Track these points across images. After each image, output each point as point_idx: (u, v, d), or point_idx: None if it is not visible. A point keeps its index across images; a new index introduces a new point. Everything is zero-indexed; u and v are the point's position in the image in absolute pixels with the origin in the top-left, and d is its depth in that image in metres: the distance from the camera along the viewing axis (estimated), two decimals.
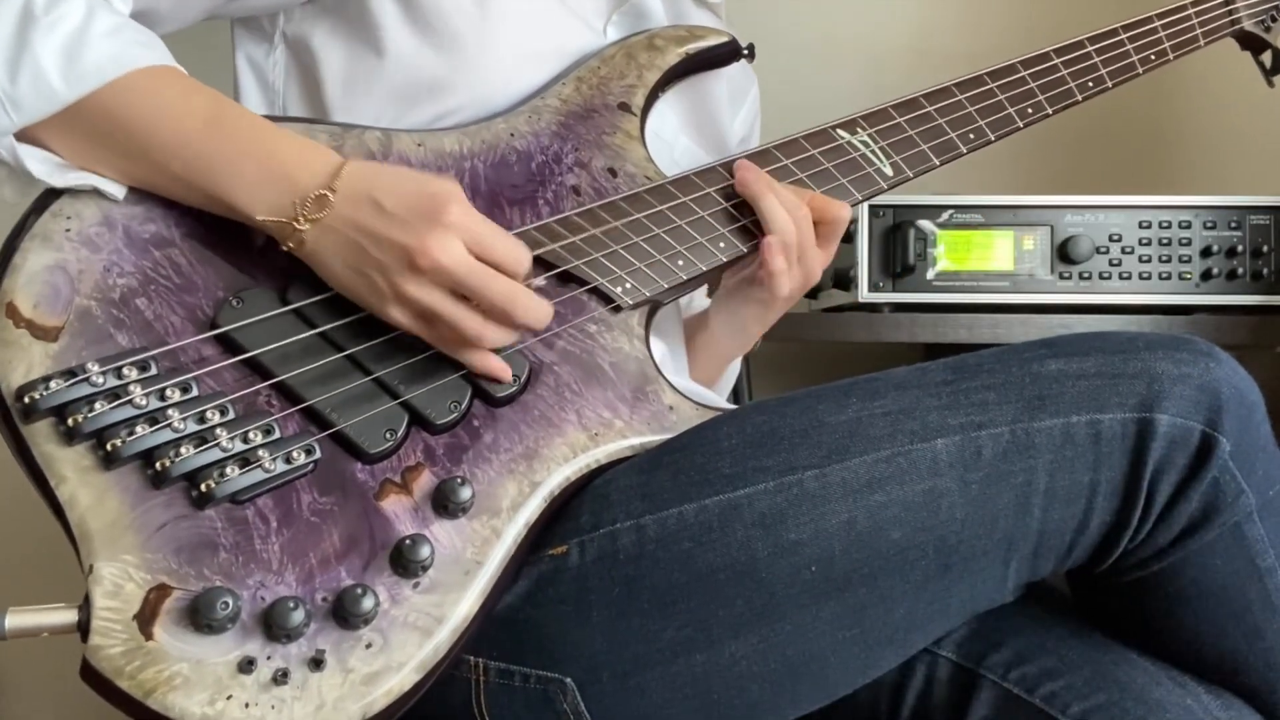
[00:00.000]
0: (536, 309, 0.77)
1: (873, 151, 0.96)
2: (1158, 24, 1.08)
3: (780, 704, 0.80)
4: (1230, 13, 1.13)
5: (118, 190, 0.77)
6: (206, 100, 0.77)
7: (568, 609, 0.76)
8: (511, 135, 0.89)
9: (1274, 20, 1.16)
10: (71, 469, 0.69)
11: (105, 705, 0.66)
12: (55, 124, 0.74)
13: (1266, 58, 1.18)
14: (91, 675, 0.66)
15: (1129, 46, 1.06)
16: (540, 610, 0.76)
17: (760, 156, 0.93)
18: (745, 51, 1.02)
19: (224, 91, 0.80)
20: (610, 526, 0.76)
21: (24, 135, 0.74)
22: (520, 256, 0.77)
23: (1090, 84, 1.03)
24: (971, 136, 0.99)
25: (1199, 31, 1.10)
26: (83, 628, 0.66)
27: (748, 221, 0.91)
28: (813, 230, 0.92)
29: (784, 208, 0.90)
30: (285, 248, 0.76)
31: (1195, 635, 0.81)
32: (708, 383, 1.05)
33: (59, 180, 0.75)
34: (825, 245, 0.94)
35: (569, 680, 0.76)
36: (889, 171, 0.96)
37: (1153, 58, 1.06)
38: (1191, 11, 1.10)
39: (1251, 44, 1.18)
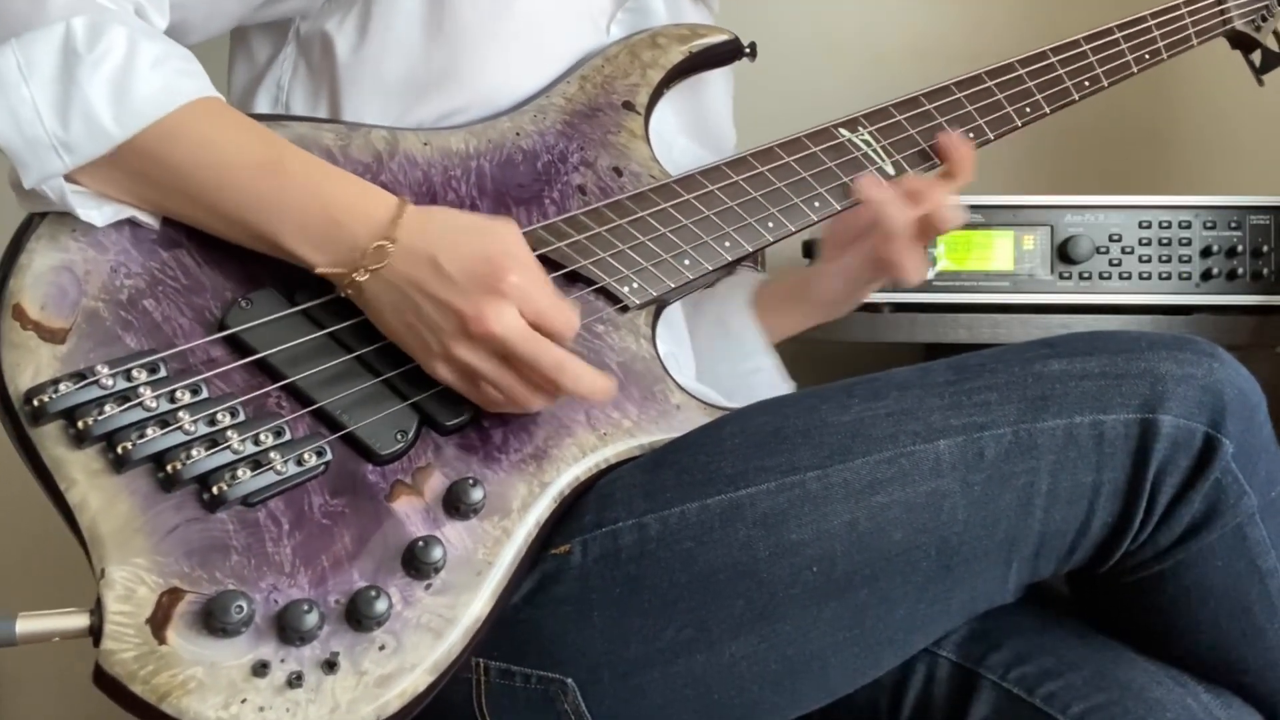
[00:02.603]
0: (586, 378, 0.76)
1: (874, 150, 0.96)
2: (1151, 23, 1.08)
3: (780, 704, 0.80)
4: (1222, 12, 1.14)
5: (154, 221, 0.76)
6: (256, 140, 0.76)
7: (569, 609, 0.76)
8: (517, 134, 0.89)
9: (1264, 20, 1.17)
10: (81, 472, 0.69)
11: (105, 704, 0.66)
12: (101, 163, 0.72)
13: (1256, 57, 1.19)
14: (105, 680, 0.65)
15: (1124, 46, 1.06)
16: (541, 610, 0.77)
17: (763, 155, 0.93)
18: (747, 50, 1.02)
19: (219, 83, 0.79)
20: (612, 525, 0.76)
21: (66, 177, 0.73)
22: (573, 324, 0.76)
23: (1086, 83, 1.04)
24: (971, 135, 0.99)
25: (1192, 31, 1.11)
26: (95, 632, 0.66)
27: (752, 221, 0.91)
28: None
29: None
30: (343, 294, 0.75)
31: (1196, 636, 0.82)
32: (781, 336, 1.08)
33: (102, 222, 0.74)
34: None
35: (570, 680, 0.76)
36: (890, 170, 0.96)
37: (1147, 57, 1.07)
38: (1184, 11, 1.11)
39: (1242, 43, 1.19)
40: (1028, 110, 1.02)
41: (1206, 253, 1.17)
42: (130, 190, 0.74)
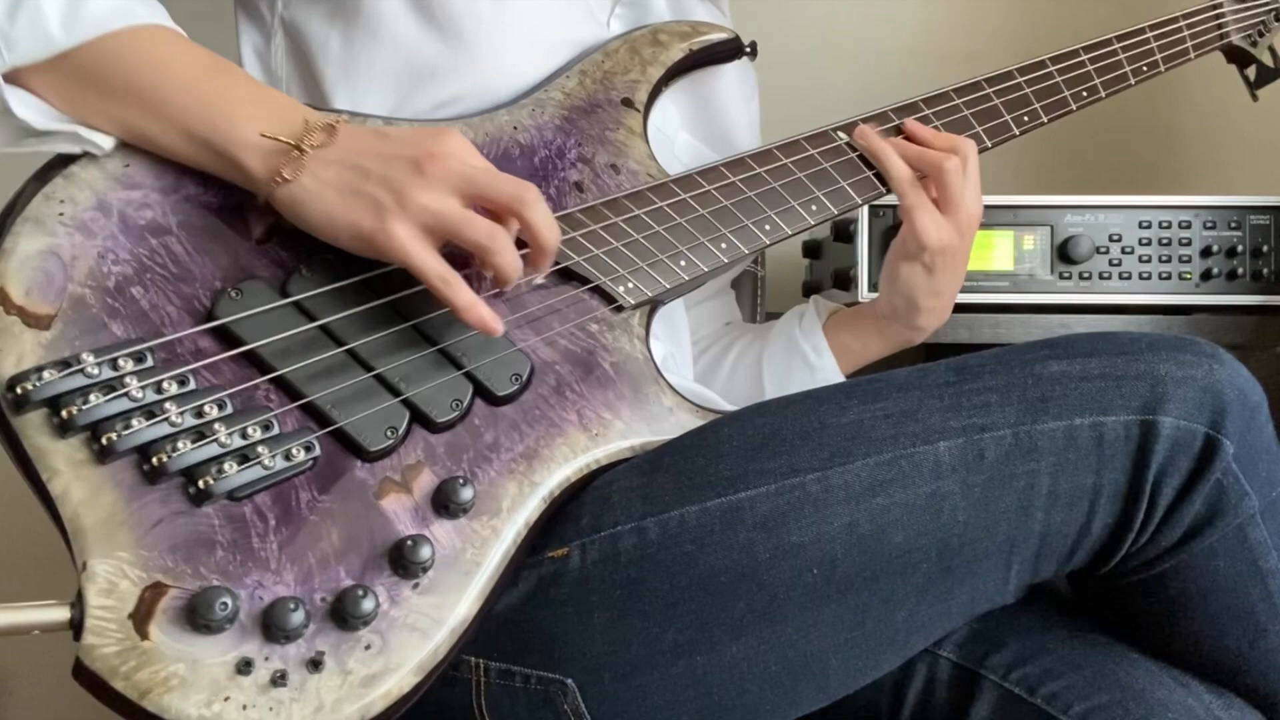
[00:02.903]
0: (546, 211, 0.76)
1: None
2: (1150, 35, 1.09)
3: (781, 705, 0.80)
4: (1220, 26, 1.15)
5: (105, 141, 0.75)
6: (207, 54, 0.77)
7: (569, 610, 0.76)
8: (515, 128, 0.88)
9: (1260, 35, 1.18)
10: (65, 462, 0.68)
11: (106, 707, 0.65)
12: (48, 70, 0.73)
13: (1251, 71, 1.20)
14: (85, 675, 0.64)
15: (1122, 57, 1.07)
16: (542, 611, 0.76)
17: (761, 157, 0.93)
18: (748, 49, 1.01)
19: None
20: (611, 529, 0.76)
21: (15, 80, 0.73)
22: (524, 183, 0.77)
23: (1084, 93, 1.04)
24: None
25: (1190, 44, 1.12)
26: (75, 626, 0.65)
27: (749, 223, 0.90)
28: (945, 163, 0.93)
29: (900, 154, 0.93)
30: (275, 182, 0.74)
31: (1197, 636, 0.81)
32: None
33: (43, 125, 0.73)
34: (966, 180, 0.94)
35: (570, 681, 0.76)
36: None
37: (1145, 69, 1.08)
38: (1183, 24, 1.11)
39: (1237, 58, 1.19)
40: (1025, 119, 1.02)
41: (1206, 253, 1.17)
42: (78, 101, 0.74)
